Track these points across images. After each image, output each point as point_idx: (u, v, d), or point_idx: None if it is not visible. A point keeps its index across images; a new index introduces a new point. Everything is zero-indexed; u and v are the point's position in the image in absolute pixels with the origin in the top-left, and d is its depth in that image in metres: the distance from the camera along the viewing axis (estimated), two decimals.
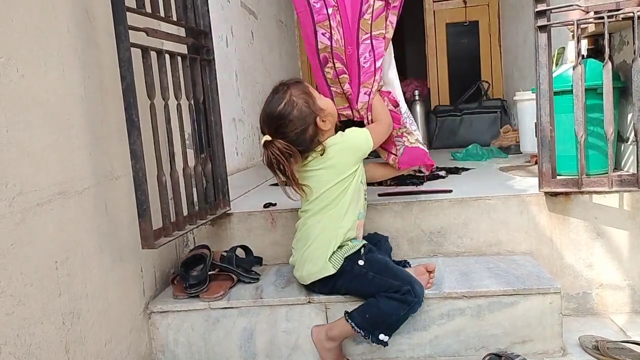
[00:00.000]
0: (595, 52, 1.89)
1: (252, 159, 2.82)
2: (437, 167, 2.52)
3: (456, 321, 1.48)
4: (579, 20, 1.58)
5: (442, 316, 1.48)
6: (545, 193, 1.70)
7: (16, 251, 1.03)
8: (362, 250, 1.50)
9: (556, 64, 2.08)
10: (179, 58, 1.55)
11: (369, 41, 1.56)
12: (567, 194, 1.70)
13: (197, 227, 1.63)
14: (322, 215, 1.48)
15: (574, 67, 1.60)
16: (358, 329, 1.40)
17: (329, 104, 1.54)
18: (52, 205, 1.15)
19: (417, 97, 3.87)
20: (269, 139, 1.43)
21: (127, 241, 1.45)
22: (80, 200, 1.26)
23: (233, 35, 2.63)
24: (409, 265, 1.62)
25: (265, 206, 1.88)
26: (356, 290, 1.48)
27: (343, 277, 1.47)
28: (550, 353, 1.46)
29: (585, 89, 1.60)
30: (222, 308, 1.54)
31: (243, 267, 1.68)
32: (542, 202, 1.73)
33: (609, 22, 1.53)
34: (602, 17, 1.53)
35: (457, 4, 4.33)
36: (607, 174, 1.60)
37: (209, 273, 1.63)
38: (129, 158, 1.30)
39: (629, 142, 1.82)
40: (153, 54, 1.41)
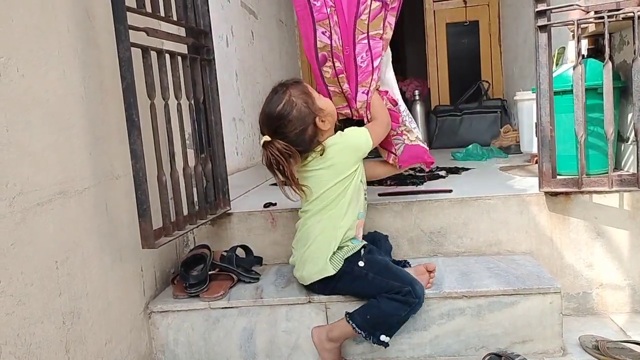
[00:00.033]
0: (596, 52, 1.89)
1: (252, 159, 2.82)
2: (437, 167, 2.52)
3: (456, 321, 1.48)
4: (579, 20, 1.58)
5: (442, 316, 1.48)
6: (546, 193, 1.70)
7: (16, 251, 1.03)
8: (362, 251, 1.50)
9: (556, 64, 2.08)
10: (179, 58, 1.55)
11: (366, 41, 1.56)
12: (567, 193, 1.70)
13: (197, 226, 1.63)
14: (322, 215, 1.48)
15: (574, 67, 1.60)
16: (359, 330, 1.40)
17: (328, 104, 1.54)
18: (52, 205, 1.15)
19: (417, 97, 3.88)
20: (268, 139, 1.43)
21: (127, 241, 1.45)
22: (80, 200, 1.26)
23: (233, 35, 2.64)
24: (409, 265, 1.62)
25: (266, 206, 1.88)
26: (357, 292, 1.48)
27: (343, 279, 1.47)
28: (550, 353, 1.46)
29: (586, 89, 1.60)
30: (222, 308, 1.54)
31: (243, 266, 1.68)
32: (542, 202, 1.73)
33: (609, 22, 1.53)
34: (602, 17, 1.53)
35: (457, 3, 4.33)
36: (607, 174, 1.60)
37: (209, 273, 1.63)
38: (129, 158, 1.30)
39: (629, 142, 1.82)
40: (153, 54, 1.41)
